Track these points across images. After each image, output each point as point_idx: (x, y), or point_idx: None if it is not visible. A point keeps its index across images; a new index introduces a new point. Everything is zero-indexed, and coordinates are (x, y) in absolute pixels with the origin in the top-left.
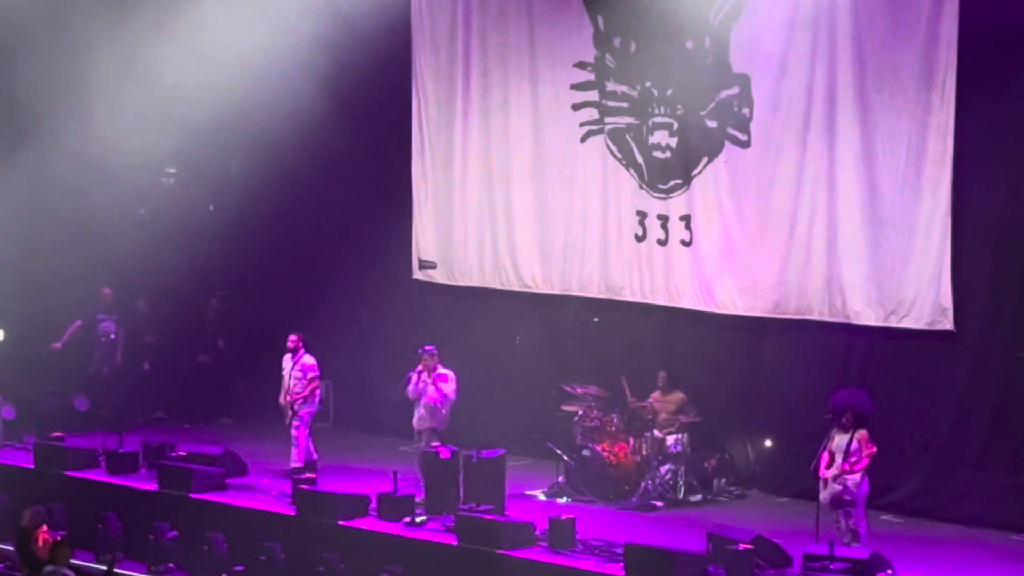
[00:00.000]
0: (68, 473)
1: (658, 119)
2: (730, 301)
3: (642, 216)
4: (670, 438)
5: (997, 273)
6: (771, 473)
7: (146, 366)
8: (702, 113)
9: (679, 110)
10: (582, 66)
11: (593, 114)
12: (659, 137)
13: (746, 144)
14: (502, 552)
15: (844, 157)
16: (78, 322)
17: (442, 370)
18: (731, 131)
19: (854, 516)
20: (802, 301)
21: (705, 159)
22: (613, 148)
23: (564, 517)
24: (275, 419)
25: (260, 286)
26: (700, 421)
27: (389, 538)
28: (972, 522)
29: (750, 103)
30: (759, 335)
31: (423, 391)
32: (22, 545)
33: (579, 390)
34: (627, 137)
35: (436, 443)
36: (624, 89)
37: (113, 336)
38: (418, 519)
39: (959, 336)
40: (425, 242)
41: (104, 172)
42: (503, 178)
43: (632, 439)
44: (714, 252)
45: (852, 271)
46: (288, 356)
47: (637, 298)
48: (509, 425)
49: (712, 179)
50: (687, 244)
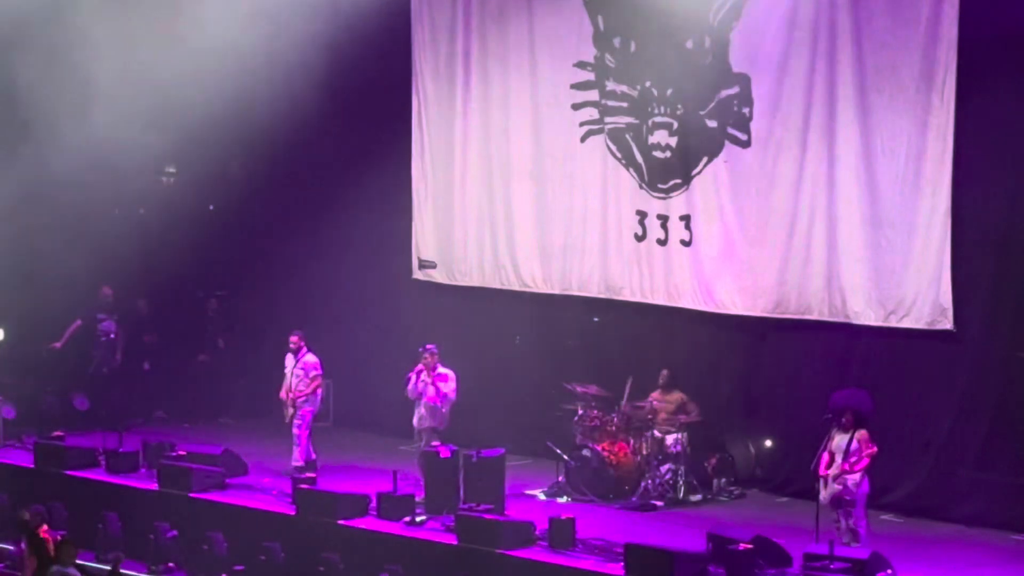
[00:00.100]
0: (68, 472)
1: (658, 119)
2: (730, 301)
3: (642, 216)
4: (670, 438)
5: (997, 273)
6: (771, 473)
7: (146, 366)
8: (702, 113)
9: (679, 110)
10: (582, 66)
11: (593, 114)
12: (659, 137)
13: (746, 144)
14: (502, 552)
15: (844, 157)
16: (78, 322)
17: (442, 369)
18: (731, 131)
19: (854, 516)
20: (802, 301)
21: (705, 159)
22: (613, 148)
23: (564, 517)
24: (275, 419)
25: (260, 286)
26: (700, 421)
27: (389, 538)
28: (972, 522)
29: (750, 103)
30: (759, 335)
31: (423, 391)
32: (32, 539)
33: (579, 390)
34: (627, 137)
35: (436, 443)
36: (624, 89)
37: (113, 336)
38: (418, 519)
39: (959, 336)
40: (425, 242)
41: (104, 171)
42: (503, 178)
43: (632, 439)
44: (714, 252)
45: (852, 271)
46: (290, 355)
47: (637, 298)
48: (509, 425)
49: (712, 179)
50: (687, 244)
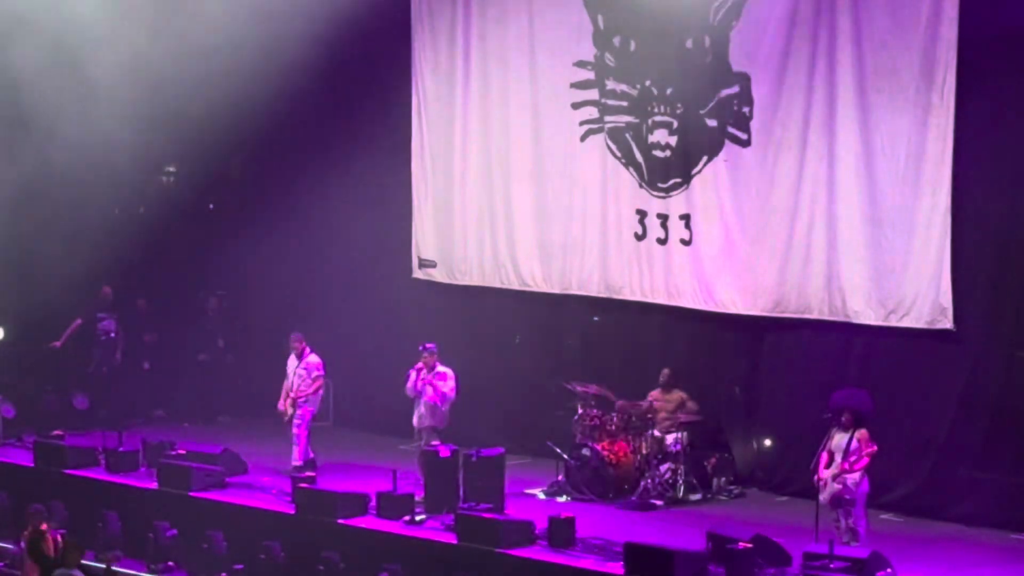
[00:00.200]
0: (68, 471)
1: (658, 118)
2: (730, 300)
3: (642, 215)
4: (669, 437)
5: (997, 272)
6: (771, 472)
7: (146, 365)
8: (702, 112)
9: (679, 109)
10: (582, 65)
11: (593, 113)
12: (659, 136)
13: (746, 143)
14: (502, 551)
15: (844, 156)
16: (78, 321)
17: (441, 368)
18: (731, 130)
19: (854, 515)
20: (802, 300)
21: (705, 158)
22: (613, 147)
23: (564, 516)
24: (275, 418)
25: (259, 285)
26: (700, 420)
27: (389, 537)
28: (971, 521)
29: (750, 102)
30: (759, 334)
31: (421, 389)
32: (33, 549)
33: (579, 389)
34: (627, 136)
35: (436, 442)
36: (624, 88)
37: (113, 335)
38: (418, 518)
39: (959, 335)
40: (425, 241)
41: (104, 171)
42: (503, 177)
43: (632, 438)
44: (714, 251)
45: (852, 270)
46: (293, 357)
47: (637, 297)
48: (509, 424)
49: (712, 178)
50: (687, 243)
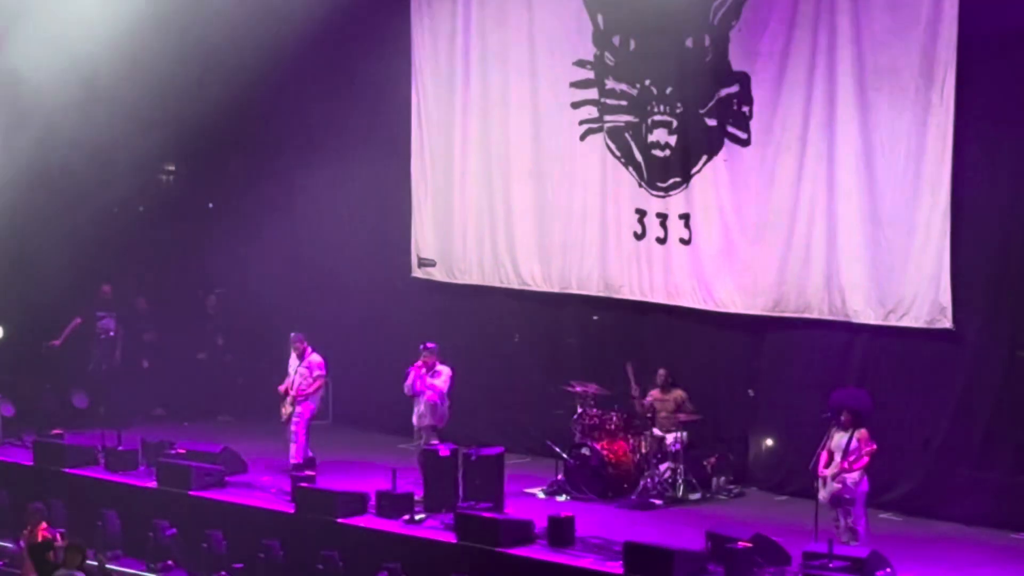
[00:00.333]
0: (67, 470)
1: (657, 117)
2: (729, 299)
3: (641, 214)
4: (669, 436)
5: (996, 272)
6: (771, 471)
7: (145, 363)
8: (701, 111)
9: (678, 108)
10: (581, 64)
11: (592, 112)
12: (658, 135)
13: (746, 142)
14: (501, 550)
15: (844, 156)
16: (78, 319)
17: (440, 367)
18: (731, 129)
19: (853, 515)
20: (801, 300)
21: (704, 157)
22: (612, 146)
23: (563, 515)
24: (274, 416)
25: (259, 284)
26: (699, 419)
27: (388, 536)
28: (971, 520)
29: (750, 101)
30: (758, 334)
31: (421, 389)
32: (36, 555)
33: (578, 388)
34: (626, 135)
35: (435, 441)
36: (623, 87)
37: (112, 333)
38: (417, 517)
39: (958, 335)
40: (424, 240)
41: (103, 169)
42: (502, 176)
43: (631, 437)
44: (713, 250)
45: (851, 270)
46: (294, 356)
47: (636, 296)
48: (508, 423)
49: (711, 177)
50: (686, 242)
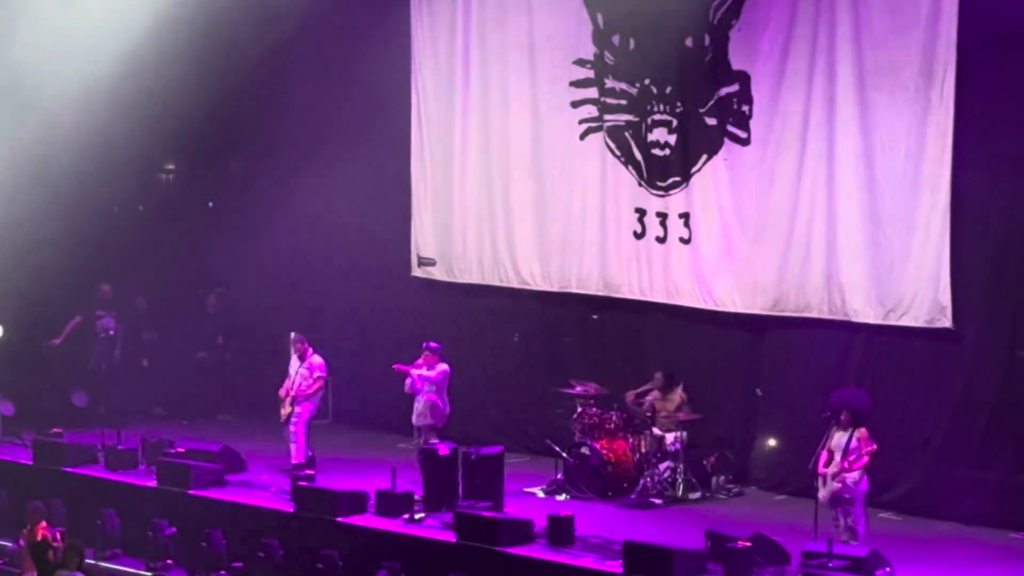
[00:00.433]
0: (67, 469)
1: (657, 116)
2: (729, 299)
3: (641, 213)
4: (669, 436)
5: (996, 271)
6: (770, 470)
7: (145, 362)
8: (701, 110)
9: (678, 107)
10: (581, 63)
11: (592, 111)
12: (658, 134)
13: (745, 142)
14: (501, 549)
15: (843, 155)
16: (77, 318)
17: (438, 367)
18: (730, 128)
19: (853, 514)
20: (801, 299)
21: (704, 156)
22: (612, 145)
23: (563, 514)
24: (274, 415)
25: (259, 283)
26: (699, 419)
27: (387, 535)
28: (970, 520)
29: (749, 101)
30: (758, 333)
31: (419, 388)
32: (37, 555)
33: (578, 387)
34: (626, 134)
35: (435, 440)
36: (623, 86)
37: (112, 332)
38: (417, 516)
39: (958, 334)
40: (424, 239)
41: (103, 168)
42: (502, 175)
43: (631, 436)
44: (713, 250)
45: (851, 269)
46: (295, 358)
47: (636, 295)
48: (508, 422)
49: (711, 177)
50: (686, 242)
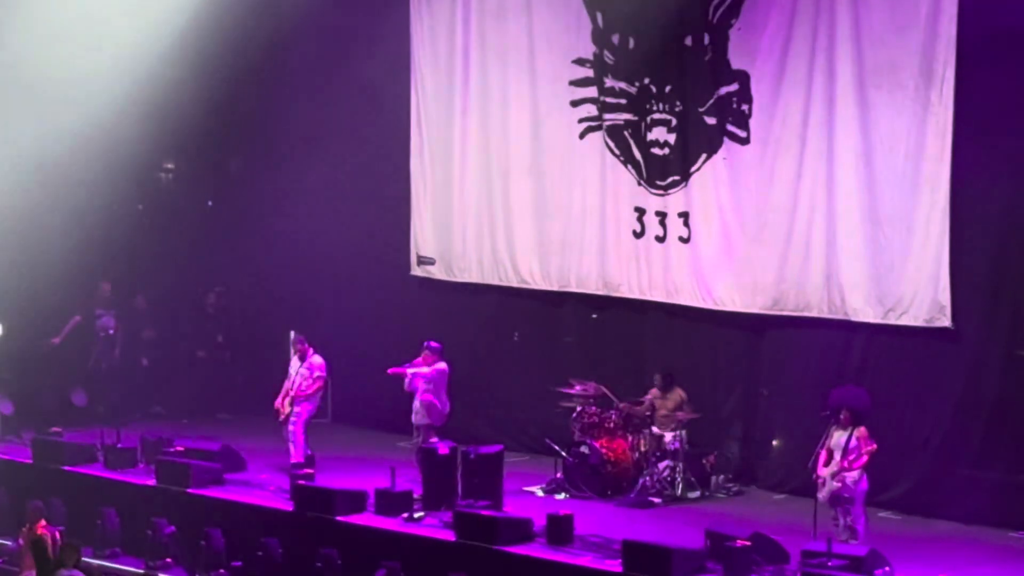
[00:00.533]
0: (66, 468)
1: (656, 115)
2: (729, 298)
3: (640, 212)
4: (668, 435)
5: (995, 271)
6: (770, 470)
7: (144, 361)
8: (701, 110)
9: (678, 106)
10: (581, 62)
11: (592, 110)
12: (657, 133)
13: (745, 141)
14: (500, 548)
15: (843, 154)
16: (77, 318)
17: (437, 366)
18: (730, 128)
19: (852, 513)
20: (801, 298)
21: (704, 156)
22: (611, 144)
23: (562, 513)
24: (273, 414)
25: (258, 282)
26: (698, 418)
27: (387, 534)
28: (970, 519)
29: (749, 100)
30: (757, 332)
31: (415, 385)
32: (36, 554)
33: (577, 386)
34: (625, 133)
35: (434, 439)
36: (622, 85)
37: (112, 331)
38: (416, 515)
39: (957, 333)
40: (424, 238)
41: (102, 167)
42: (502, 174)
43: (630, 435)
44: (713, 249)
45: (851, 268)
46: (295, 358)
47: (635, 295)
48: (507, 421)
49: (711, 176)
50: (685, 241)
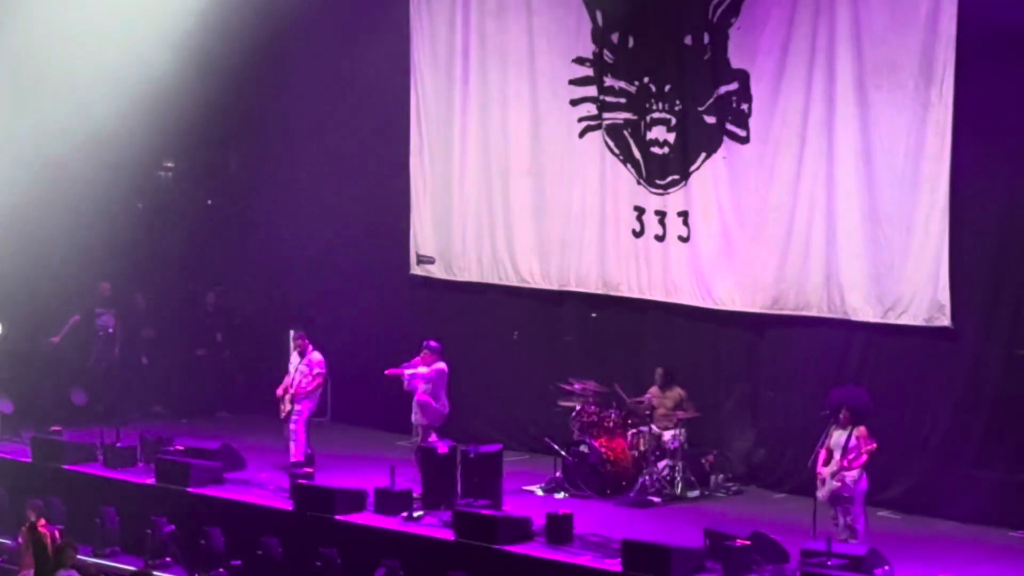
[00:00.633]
0: (66, 467)
1: (656, 115)
2: (728, 297)
3: (640, 212)
4: (668, 434)
5: (995, 270)
6: (769, 469)
7: (144, 360)
8: (700, 109)
9: (677, 106)
10: (580, 61)
11: (591, 109)
12: (657, 133)
13: (744, 140)
14: (499, 547)
15: (843, 153)
16: (76, 316)
17: (435, 365)
18: (729, 127)
19: (852, 513)
20: (800, 297)
21: (703, 155)
22: (611, 143)
23: (561, 512)
24: (273, 414)
25: (258, 280)
26: (698, 417)
27: (386, 533)
28: (969, 518)
29: (749, 99)
30: (757, 331)
31: (414, 384)
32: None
33: (577, 385)
34: (625, 132)
35: (433, 438)
36: (622, 85)
37: (111, 330)
38: (415, 514)
39: (956, 332)
40: (423, 237)
41: (102, 166)
42: (501, 173)
43: (630, 435)
44: (712, 248)
45: (850, 267)
46: (295, 354)
47: (635, 294)
48: (507, 420)
49: (710, 175)
50: (685, 240)
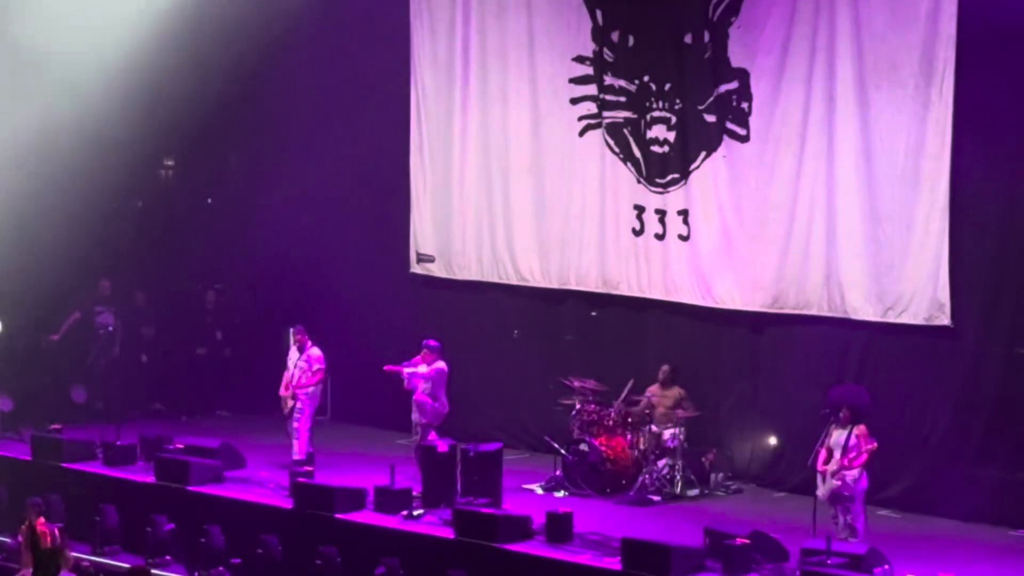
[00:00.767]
0: (65, 465)
1: (656, 113)
2: (728, 296)
3: (640, 210)
4: (667, 432)
5: (995, 269)
6: (769, 468)
7: (144, 358)
8: (700, 108)
9: (677, 104)
10: (580, 60)
11: (591, 108)
12: (657, 131)
13: (745, 139)
14: (499, 546)
15: (843, 152)
16: (76, 314)
17: (435, 365)
18: (729, 126)
19: (852, 511)
20: (800, 296)
21: (703, 154)
22: (611, 142)
23: (561, 511)
24: (273, 412)
25: (258, 279)
26: (698, 416)
27: (386, 531)
28: (969, 517)
29: (749, 98)
30: (757, 330)
31: (413, 383)
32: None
33: (576, 384)
34: (625, 131)
35: (433, 436)
36: (622, 83)
37: (111, 328)
38: (415, 512)
39: (956, 331)
40: (423, 235)
41: (101, 164)
42: (501, 172)
43: (629, 433)
44: (712, 247)
45: (850, 266)
46: (294, 350)
47: (635, 292)
48: (507, 419)
49: (710, 174)
50: (685, 239)
